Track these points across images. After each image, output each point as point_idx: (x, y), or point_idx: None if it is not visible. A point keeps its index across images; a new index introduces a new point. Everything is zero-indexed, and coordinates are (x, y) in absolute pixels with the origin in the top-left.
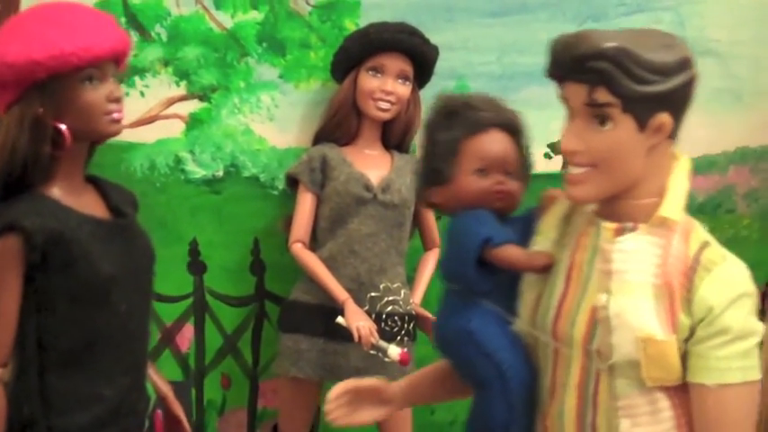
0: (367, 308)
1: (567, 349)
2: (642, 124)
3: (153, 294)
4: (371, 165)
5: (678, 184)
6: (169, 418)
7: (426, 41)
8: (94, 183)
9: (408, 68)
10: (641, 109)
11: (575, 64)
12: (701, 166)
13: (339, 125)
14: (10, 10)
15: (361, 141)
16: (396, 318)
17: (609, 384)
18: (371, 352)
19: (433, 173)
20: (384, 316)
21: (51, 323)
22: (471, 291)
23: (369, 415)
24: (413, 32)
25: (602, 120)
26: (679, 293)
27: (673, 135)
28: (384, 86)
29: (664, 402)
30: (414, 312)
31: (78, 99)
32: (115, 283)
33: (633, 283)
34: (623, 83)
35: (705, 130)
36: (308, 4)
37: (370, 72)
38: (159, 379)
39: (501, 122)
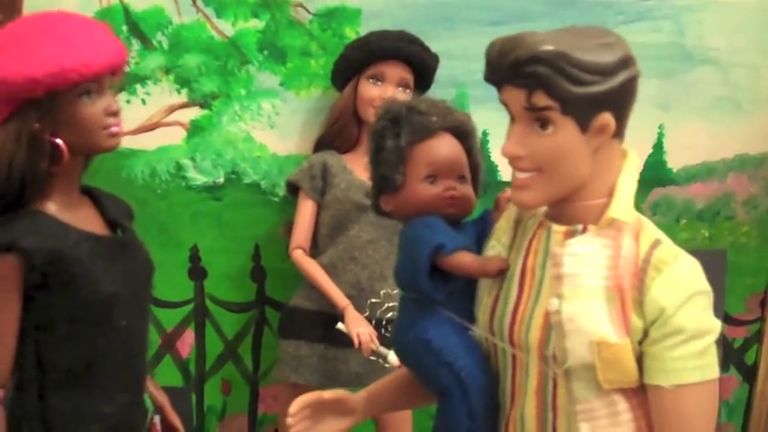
0: (367, 314)
1: (523, 355)
2: (584, 126)
3: (151, 308)
4: None
5: (626, 183)
6: (166, 428)
7: (426, 49)
8: (89, 194)
9: (408, 76)
10: (582, 111)
11: (511, 68)
12: (701, 173)
13: (340, 133)
14: (13, 15)
15: (362, 149)
16: None
17: (566, 389)
18: (371, 358)
19: (383, 180)
20: (384, 322)
21: (51, 342)
22: (426, 299)
23: (332, 427)
24: (413, 40)
25: (543, 123)
26: (630, 295)
27: (618, 134)
28: (384, 94)
29: (622, 405)
30: None
31: (76, 114)
32: (116, 300)
33: (584, 286)
34: (561, 85)
35: (704, 137)
36: (308, 12)
37: (371, 80)
38: (156, 389)
39: (448, 126)
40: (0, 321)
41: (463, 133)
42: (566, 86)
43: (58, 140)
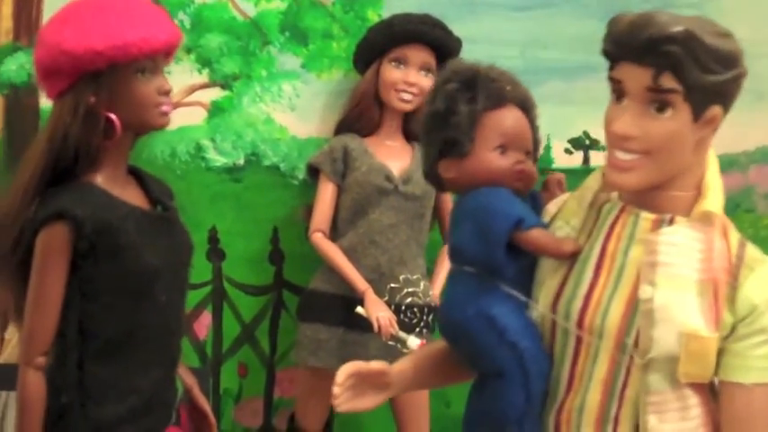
0: (387, 298)
1: (595, 340)
2: (697, 115)
3: (188, 287)
4: (393, 156)
5: (717, 179)
6: (194, 410)
7: (449, 33)
8: (134, 174)
9: (431, 60)
10: (700, 99)
11: (643, 46)
12: (721, 165)
13: (361, 116)
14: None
15: (383, 132)
16: (415, 309)
17: (640, 379)
18: (390, 343)
19: (450, 144)
20: (403, 307)
21: (94, 312)
22: (493, 274)
23: (371, 401)
24: (436, 24)
25: (662, 106)
26: (723, 290)
27: (716, 129)
28: (407, 78)
29: (693, 399)
30: (433, 304)
31: (131, 90)
32: (158, 274)
33: (679, 276)
34: (690, 69)
35: (726, 128)
36: None
37: (393, 63)
38: (185, 371)
39: (519, 98)
40: (47, 289)
41: (530, 107)
42: (694, 71)
43: (113, 115)
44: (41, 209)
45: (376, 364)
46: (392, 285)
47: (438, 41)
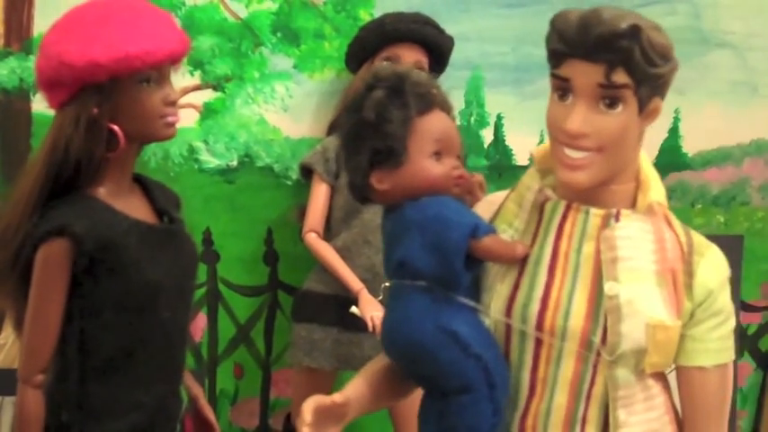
0: (381, 298)
1: (557, 342)
2: (642, 108)
3: (193, 299)
4: None
5: (652, 169)
6: (198, 421)
7: (441, 32)
8: (140, 182)
9: (423, 59)
10: (646, 92)
11: (594, 42)
12: (716, 158)
13: None
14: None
15: None
16: None
17: (608, 375)
18: None
19: (384, 154)
20: None
21: (94, 329)
22: (447, 287)
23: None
24: (428, 23)
25: (612, 102)
26: (680, 279)
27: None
28: None
29: (655, 389)
30: None
31: (135, 101)
32: (161, 290)
33: (639, 270)
34: (640, 64)
35: (720, 122)
36: None
37: (386, 63)
38: (191, 381)
39: (443, 102)
40: (46, 305)
41: (450, 110)
42: (643, 65)
43: (116, 127)
44: (42, 223)
45: (337, 397)
46: (387, 285)
47: (430, 40)
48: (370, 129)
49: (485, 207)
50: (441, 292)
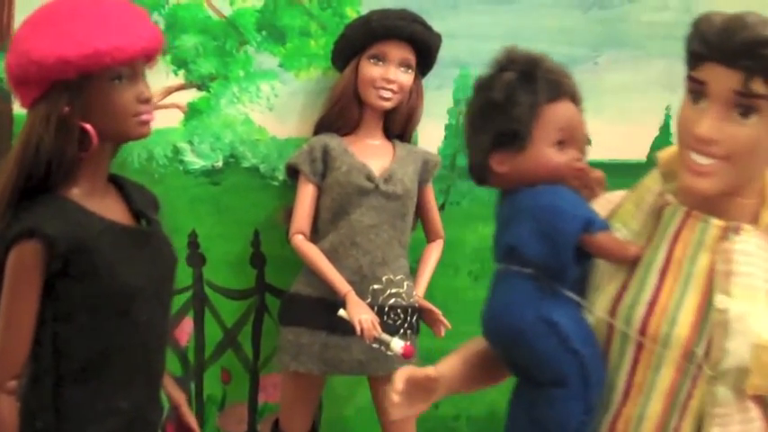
0: (369, 300)
1: (658, 348)
2: None
3: (172, 303)
4: (373, 155)
5: None
6: (180, 428)
7: (429, 29)
8: (116, 183)
9: (411, 56)
10: None
11: (736, 48)
12: None
13: (340, 114)
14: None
15: (363, 131)
16: (399, 310)
17: (707, 390)
18: (374, 345)
19: (507, 137)
20: (387, 309)
21: (69, 333)
22: (553, 277)
23: (420, 406)
24: (415, 19)
25: (746, 111)
26: None
27: None
28: (386, 75)
29: (754, 412)
30: (417, 305)
31: (107, 99)
32: (137, 294)
33: (754, 287)
34: None
35: None
36: None
37: (372, 60)
38: (172, 387)
39: (573, 92)
40: (18, 309)
41: (580, 101)
42: None
43: (88, 125)
44: (13, 225)
45: (431, 371)
46: (375, 287)
47: (417, 37)
48: (497, 110)
49: (602, 204)
50: (546, 282)
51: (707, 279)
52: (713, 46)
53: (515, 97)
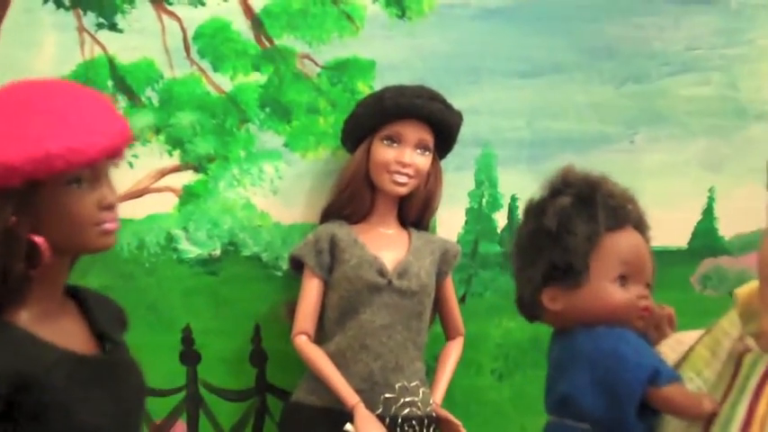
0: (381, 411)
1: None
2: None
3: None
4: (386, 246)
5: None
6: None
7: (448, 106)
8: (75, 296)
9: (428, 137)
10: None
11: None
12: (756, 242)
13: (350, 200)
14: None
15: (375, 218)
16: (414, 422)
17: None
18: None
19: (561, 270)
20: (400, 420)
21: None
22: None
23: None
24: (433, 97)
25: None
26: None
27: None
28: (401, 158)
29: None
30: (434, 415)
31: (62, 207)
32: None
33: None
34: None
35: (760, 201)
36: (316, 64)
37: (386, 141)
38: None
39: (637, 219)
40: None
41: (645, 229)
42: None
43: (39, 238)
44: None
45: None
46: (387, 395)
47: (435, 116)
48: (550, 239)
49: (671, 346)
50: None
51: None
52: None
53: (571, 225)
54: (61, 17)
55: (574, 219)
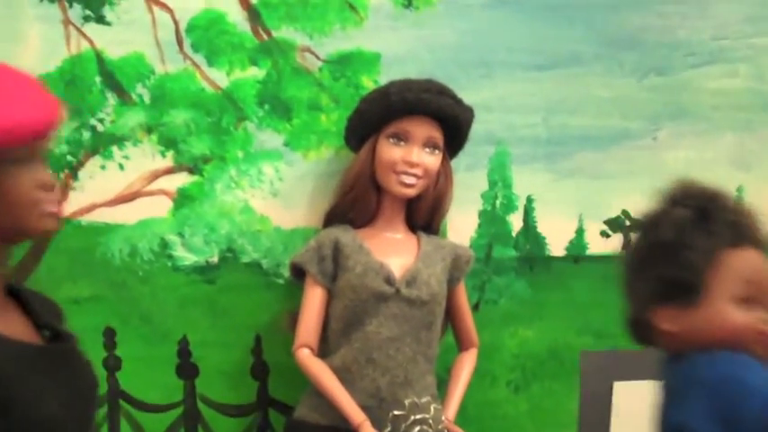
0: (389, 429)
1: None
2: None
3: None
4: (394, 251)
5: None
6: None
7: (458, 102)
8: (13, 293)
9: (437, 134)
10: None
11: None
12: None
13: (355, 203)
14: None
15: (382, 222)
16: None
17: None
18: None
19: (676, 287)
20: None
21: None
22: None
23: None
24: (442, 91)
25: None
26: None
27: None
28: (408, 157)
29: None
30: None
31: None
32: (55, 424)
33: None
34: None
35: None
36: (317, 58)
37: (392, 140)
38: None
39: (758, 237)
40: None
41: (766, 249)
42: None
43: None
44: None
45: None
46: (395, 413)
47: (445, 112)
48: (665, 253)
49: None
50: None
51: None
52: None
53: (688, 239)
54: (45, 9)
55: (692, 232)
